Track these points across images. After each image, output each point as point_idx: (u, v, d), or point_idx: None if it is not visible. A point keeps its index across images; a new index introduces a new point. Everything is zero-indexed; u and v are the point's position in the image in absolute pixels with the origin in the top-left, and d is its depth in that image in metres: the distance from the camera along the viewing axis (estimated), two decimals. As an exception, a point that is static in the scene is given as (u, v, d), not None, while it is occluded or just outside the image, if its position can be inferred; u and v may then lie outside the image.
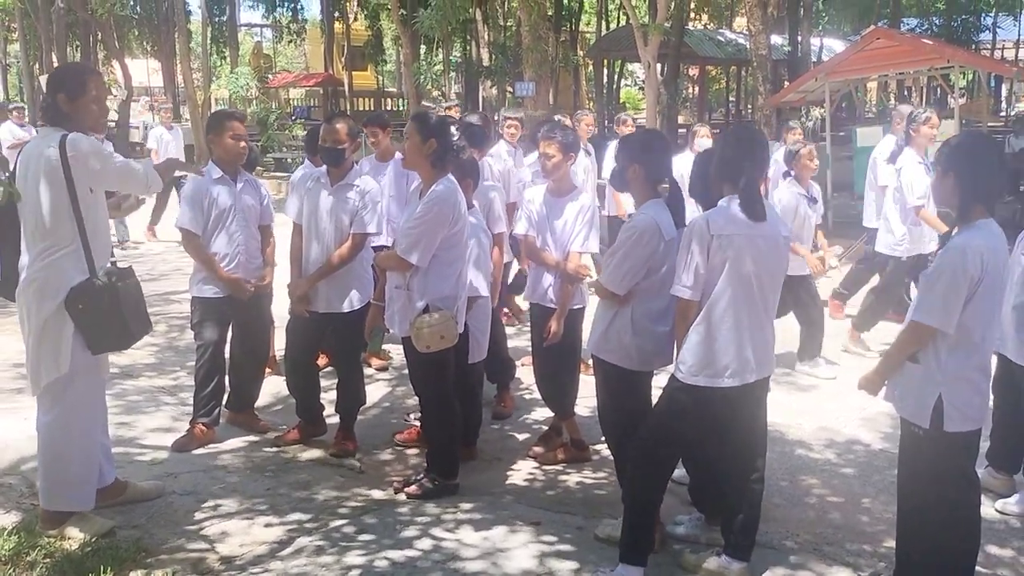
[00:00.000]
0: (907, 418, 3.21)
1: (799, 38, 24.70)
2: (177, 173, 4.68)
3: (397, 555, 3.63)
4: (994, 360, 3.67)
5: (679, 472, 4.18)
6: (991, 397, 3.43)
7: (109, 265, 3.76)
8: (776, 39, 22.52)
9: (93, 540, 3.65)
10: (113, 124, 25.49)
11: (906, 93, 31.31)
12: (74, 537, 3.67)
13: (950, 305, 3.05)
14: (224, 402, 5.06)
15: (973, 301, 3.05)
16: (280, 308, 5.20)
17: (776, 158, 7.46)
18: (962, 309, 3.05)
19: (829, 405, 5.69)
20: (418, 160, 4.21)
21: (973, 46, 30.92)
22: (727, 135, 3.75)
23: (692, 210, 3.87)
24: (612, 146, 7.13)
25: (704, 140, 7.98)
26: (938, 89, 26.82)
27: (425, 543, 3.76)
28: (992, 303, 3.13)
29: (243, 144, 4.90)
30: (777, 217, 3.49)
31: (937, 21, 31.50)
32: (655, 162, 3.76)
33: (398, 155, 6.17)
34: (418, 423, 4.98)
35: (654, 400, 3.75)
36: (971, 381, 3.12)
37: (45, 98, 3.77)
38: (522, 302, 5.86)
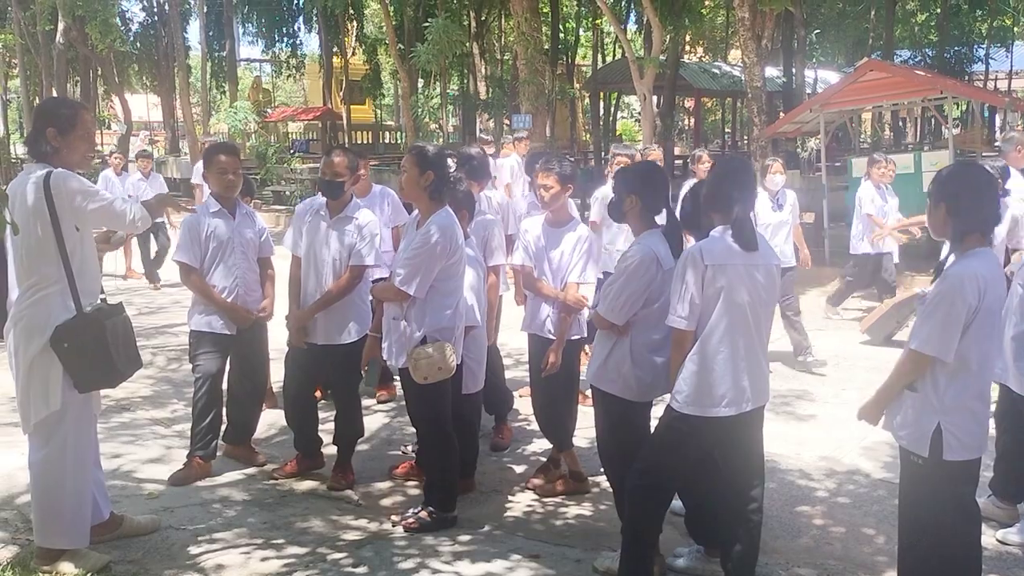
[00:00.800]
0: (906, 447, 3.21)
1: (793, 70, 24.93)
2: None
3: (395, 589, 3.60)
4: (995, 389, 3.68)
5: (676, 504, 4.16)
6: (991, 425, 3.42)
7: (99, 302, 3.74)
8: (771, 71, 22.72)
9: (89, 575, 3.62)
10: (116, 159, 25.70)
11: (900, 124, 31.57)
12: (69, 573, 3.64)
13: (948, 333, 3.05)
14: (222, 435, 5.04)
15: (971, 329, 3.06)
16: (277, 341, 5.20)
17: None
18: (960, 337, 3.05)
19: (829, 435, 5.67)
20: (416, 192, 4.24)
21: (966, 77, 31.21)
22: (716, 167, 3.78)
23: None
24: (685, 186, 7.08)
25: (707, 165, 8.10)
26: (932, 120, 27.03)
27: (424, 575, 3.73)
28: (990, 331, 3.13)
29: (230, 176, 4.90)
30: (768, 246, 3.51)
31: (930, 52, 31.82)
32: (652, 193, 3.79)
33: (377, 188, 6.21)
34: (415, 455, 4.96)
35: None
36: (970, 409, 3.12)
37: (32, 132, 3.73)
38: (505, 335, 5.82)
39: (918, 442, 3.14)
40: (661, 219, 3.87)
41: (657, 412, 3.95)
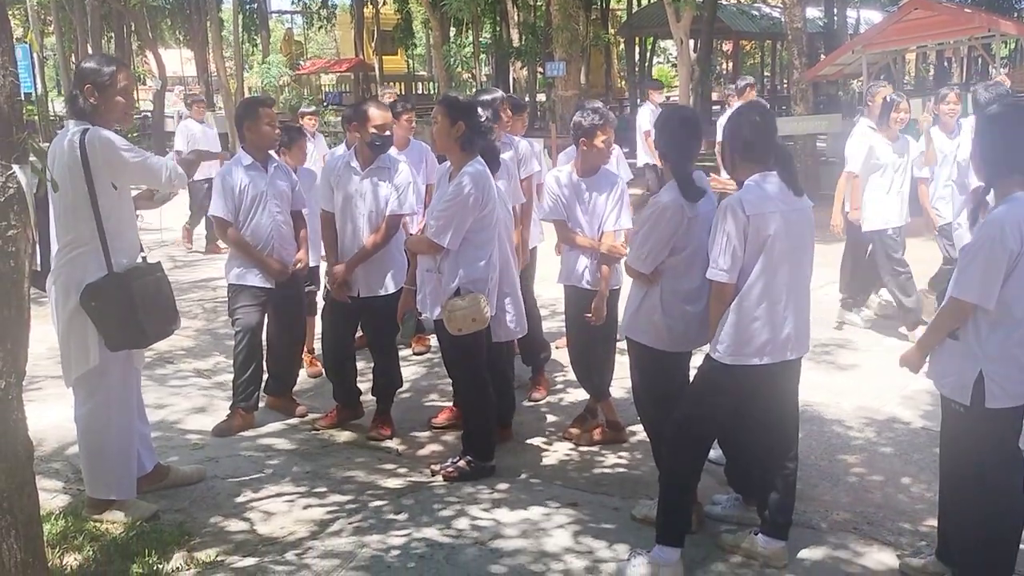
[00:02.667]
0: (948, 395, 3.16)
1: (835, 10, 24.25)
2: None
3: (435, 534, 3.66)
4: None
5: (715, 453, 4.15)
6: None
7: (139, 261, 3.78)
8: (812, 12, 22.14)
9: (138, 524, 3.72)
10: (148, 114, 25.84)
11: (946, 64, 30.64)
12: (119, 521, 3.75)
13: (989, 280, 2.97)
14: (263, 387, 5.12)
15: (1013, 275, 2.98)
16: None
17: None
18: (1002, 284, 2.98)
19: (869, 384, 5.62)
20: (447, 143, 4.21)
21: (1015, 14, 30.11)
22: (741, 121, 3.61)
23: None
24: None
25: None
26: (979, 59, 26.18)
27: (463, 523, 3.78)
28: None
29: (277, 130, 4.96)
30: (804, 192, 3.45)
31: (977, -11, 30.72)
32: (689, 141, 3.70)
33: (415, 143, 6.17)
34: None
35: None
36: (1013, 357, 3.04)
37: (71, 91, 3.76)
38: (541, 287, 5.77)
39: (960, 390, 3.09)
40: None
41: (696, 362, 3.95)
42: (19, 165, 2.57)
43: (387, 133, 4.77)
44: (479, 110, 4.31)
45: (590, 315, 4.48)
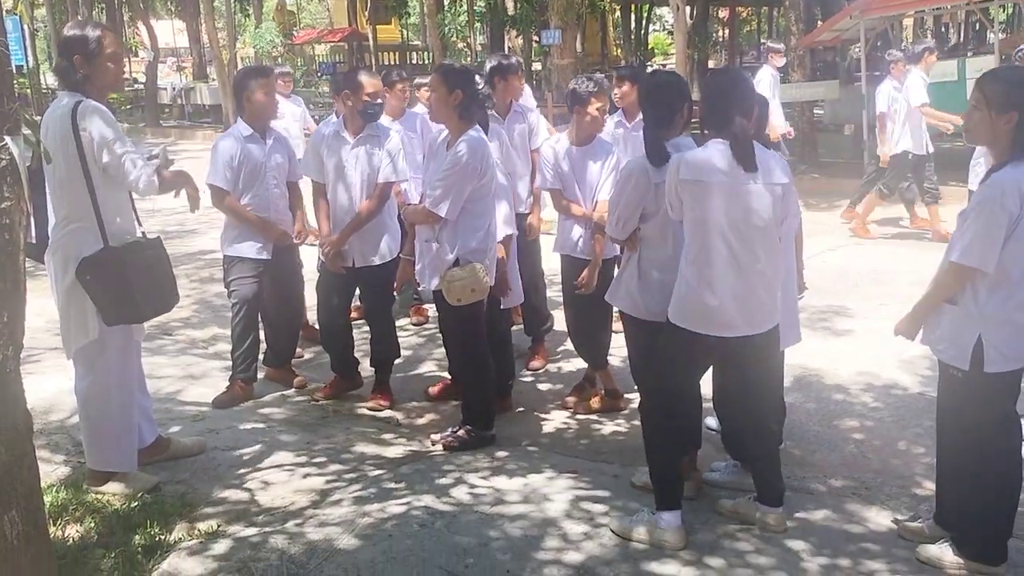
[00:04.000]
0: (946, 361, 3.15)
1: (832, -25, 24.02)
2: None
3: (435, 502, 3.68)
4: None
5: (712, 420, 4.18)
6: None
7: (139, 236, 3.73)
8: (808, -23, 21.90)
9: (139, 496, 3.74)
10: (141, 86, 25.62)
11: (943, 30, 30.43)
12: (120, 493, 3.76)
13: (989, 243, 2.95)
14: (261, 358, 5.12)
15: (1012, 238, 2.96)
16: (309, 266, 5.23)
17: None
18: (1001, 247, 2.96)
19: (867, 349, 5.63)
20: (445, 112, 4.18)
21: (1014, -22, 29.85)
22: (711, 81, 3.56)
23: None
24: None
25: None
26: (977, 24, 26.00)
27: (462, 491, 3.80)
28: None
29: (276, 101, 4.92)
30: (772, 167, 3.27)
31: (976, -48, 30.43)
32: (661, 107, 3.67)
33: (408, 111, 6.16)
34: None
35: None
36: (1012, 321, 3.03)
37: (59, 61, 3.68)
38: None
39: (958, 355, 3.09)
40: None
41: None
42: (11, 136, 2.55)
43: (379, 101, 4.73)
44: (476, 78, 4.27)
45: (580, 285, 4.48)
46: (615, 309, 4.27)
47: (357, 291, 5.23)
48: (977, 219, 2.99)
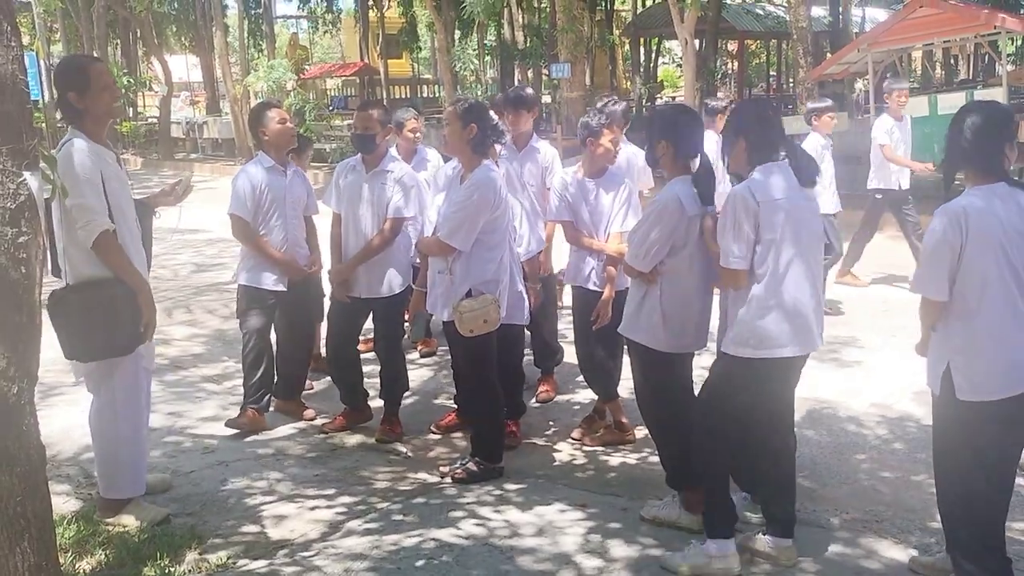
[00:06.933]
0: (927, 385, 3.22)
1: (840, 9, 24.17)
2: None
3: (445, 535, 3.67)
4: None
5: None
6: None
7: (100, 274, 3.66)
8: (817, 10, 22.07)
9: (149, 527, 3.74)
10: (155, 120, 25.91)
11: (952, 62, 30.53)
12: (130, 525, 3.77)
13: (936, 272, 3.03)
14: (271, 390, 5.14)
15: (963, 266, 2.99)
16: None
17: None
18: (954, 275, 3.01)
19: (879, 381, 5.60)
20: (459, 146, 4.24)
21: (1022, 10, 29.99)
22: (742, 113, 3.61)
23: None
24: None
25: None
26: (986, 56, 26.10)
27: (473, 524, 3.79)
28: (991, 265, 2.97)
29: (290, 126, 5.01)
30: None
31: (983, -14, 30.59)
32: (685, 138, 3.72)
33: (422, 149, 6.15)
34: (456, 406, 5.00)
35: (696, 381, 3.73)
36: (974, 349, 3.03)
37: (58, 99, 3.76)
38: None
39: (933, 381, 3.15)
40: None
41: (700, 362, 3.95)
42: (30, 172, 2.60)
43: (369, 133, 4.78)
44: (490, 113, 4.33)
45: (595, 318, 4.50)
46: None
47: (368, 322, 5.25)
48: (925, 250, 3.10)
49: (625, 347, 4.82)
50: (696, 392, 3.77)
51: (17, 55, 2.57)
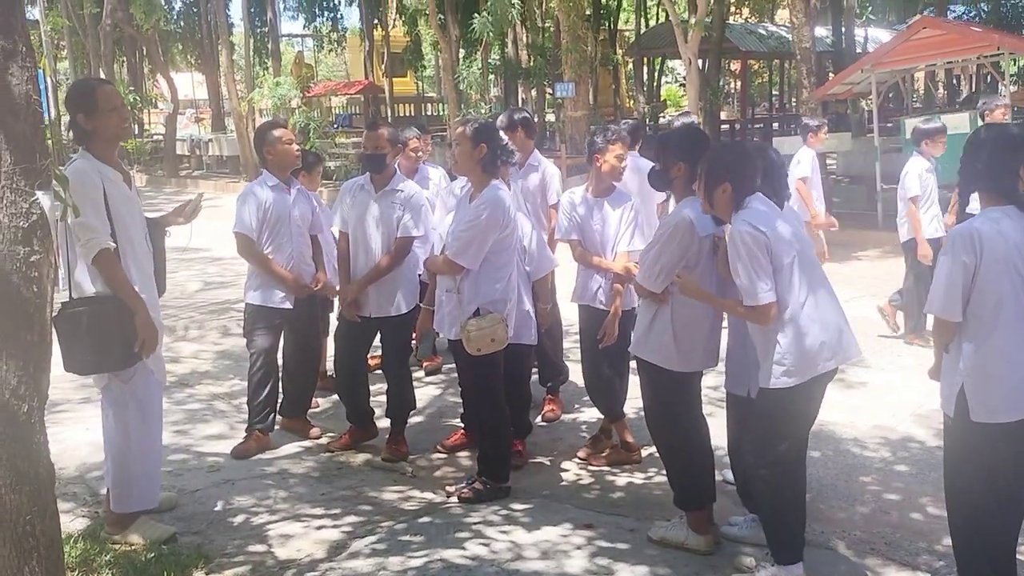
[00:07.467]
0: (940, 406, 3.21)
1: (843, 29, 24.31)
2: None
3: (452, 556, 3.66)
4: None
5: (728, 473, 4.16)
6: None
7: (96, 292, 3.68)
8: (820, 31, 22.18)
9: (156, 546, 3.73)
10: (160, 137, 26.03)
11: (955, 82, 30.65)
12: (137, 543, 3.76)
13: (950, 293, 3.04)
14: (278, 408, 5.14)
15: (976, 287, 3.01)
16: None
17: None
18: (967, 296, 3.02)
19: (883, 402, 5.59)
20: (469, 165, 4.26)
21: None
22: (729, 165, 3.58)
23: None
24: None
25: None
26: (988, 77, 26.18)
27: (479, 544, 3.78)
28: (1005, 286, 2.99)
29: (296, 147, 5.02)
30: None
31: (985, 7, 30.67)
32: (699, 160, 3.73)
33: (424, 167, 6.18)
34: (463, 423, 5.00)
35: (704, 400, 3.74)
36: (987, 370, 3.03)
37: (69, 121, 3.82)
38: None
39: (947, 402, 3.15)
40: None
41: (707, 381, 3.95)
42: (42, 191, 2.62)
43: (382, 152, 4.81)
44: (500, 133, 4.36)
45: (602, 337, 4.50)
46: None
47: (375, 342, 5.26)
48: (938, 270, 3.11)
49: (634, 366, 4.86)
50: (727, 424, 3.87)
51: (32, 75, 2.60)
